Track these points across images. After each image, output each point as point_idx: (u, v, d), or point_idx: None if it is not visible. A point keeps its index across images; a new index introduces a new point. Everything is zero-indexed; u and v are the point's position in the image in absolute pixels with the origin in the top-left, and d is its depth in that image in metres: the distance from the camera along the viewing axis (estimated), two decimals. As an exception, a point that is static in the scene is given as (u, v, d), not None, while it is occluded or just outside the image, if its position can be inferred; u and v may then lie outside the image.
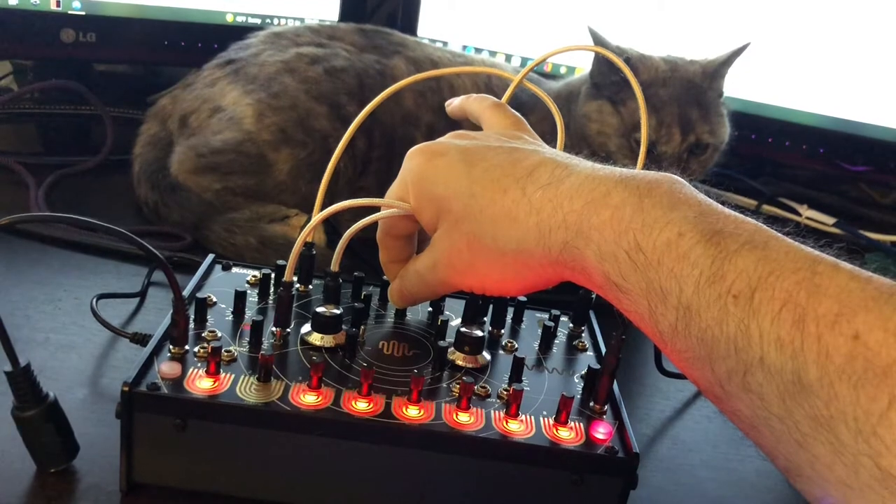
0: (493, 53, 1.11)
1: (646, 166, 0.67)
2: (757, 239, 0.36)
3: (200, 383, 0.45)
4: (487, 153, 0.46)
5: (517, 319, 0.59)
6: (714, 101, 0.85)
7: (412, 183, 0.48)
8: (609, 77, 0.84)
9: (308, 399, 0.45)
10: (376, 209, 0.52)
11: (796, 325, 0.33)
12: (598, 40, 0.82)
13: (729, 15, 1.02)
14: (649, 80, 0.82)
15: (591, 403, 0.50)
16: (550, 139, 0.87)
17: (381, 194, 0.85)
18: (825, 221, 1.04)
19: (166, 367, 0.46)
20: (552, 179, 0.43)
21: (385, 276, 0.56)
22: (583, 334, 0.59)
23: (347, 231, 0.50)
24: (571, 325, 0.60)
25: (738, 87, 1.03)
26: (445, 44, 1.13)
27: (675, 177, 0.41)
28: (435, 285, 0.50)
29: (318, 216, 0.50)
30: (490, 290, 0.48)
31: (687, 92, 0.83)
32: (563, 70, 1.09)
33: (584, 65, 1.06)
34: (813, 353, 0.32)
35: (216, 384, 0.45)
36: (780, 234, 0.37)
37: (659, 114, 0.81)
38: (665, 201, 0.39)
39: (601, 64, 0.85)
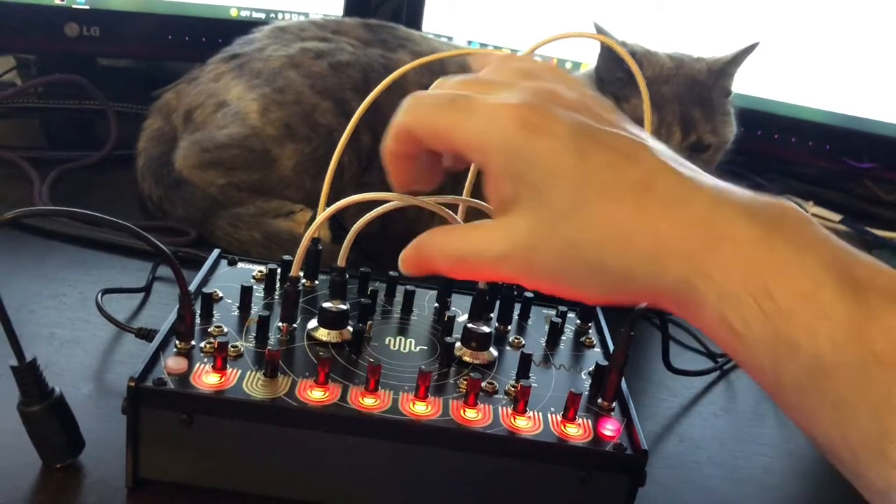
0: (497, 48, 1.11)
1: None
2: None
3: (207, 379, 0.45)
4: (602, 142, 0.39)
5: (524, 315, 0.59)
6: (719, 99, 0.84)
7: (499, 151, 0.39)
8: (614, 73, 0.83)
9: (315, 395, 0.45)
10: (382, 203, 0.51)
11: None
12: (600, 34, 0.81)
13: (734, 11, 1.02)
14: (653, 76, 0.82)
15: (599, 400, 0.49)
16: None
17: (386, 190, 0.86)
18: (831, 218, 1.04)
19: (172, 363, 0.45)
20: (675, 199, 0.37)
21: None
22: (590, 330, 0.59)
23: (354, 226, 0.50)
24: (578, 321, 0.60)
25: (745, 83, 1.02)
26: (450, 39, 1.13)
27: (800, 209, 0.37)
28: (484, 275, 0.44)
29: (325, 212, 0.49)
30: (565, 296, 0.41)
31: (690, 90, 0.82)
32: (568, 65, 1.09)
33: (590, 60, 1.06)
34: None
35: (222, 379, 0.45)
36: None
37: (661, 112, 0.81)
38: (797, 241, 0.35)
39: (606, 59, 0.84)
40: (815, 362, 0.33)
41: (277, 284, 0.56)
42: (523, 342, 0.55)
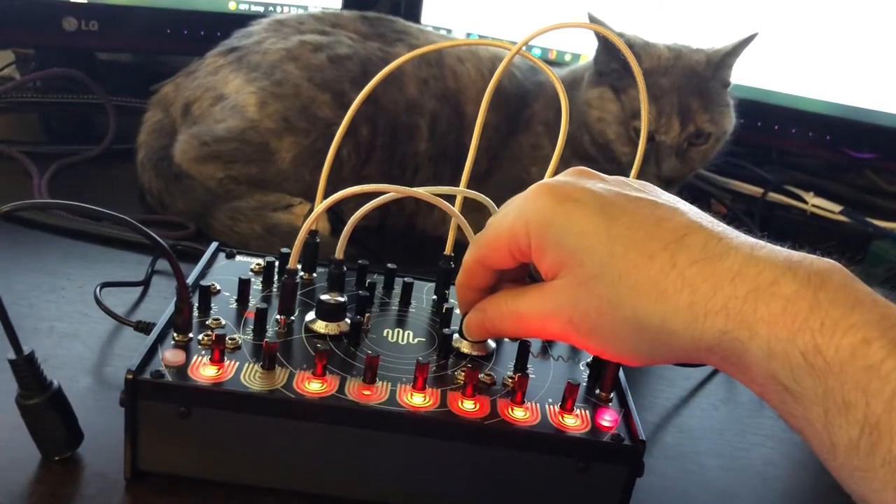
0: (496, 40, 1.10)
1: (645, 155, 0.68)
2: None
3: (204, 371, 0.45)
4: (628, 205, 0.41)
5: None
6: (717, 90, 0.84)
7: (536, 225, 0.42)
8: (610, 63, 0.83)
9: (312, 387, 0.45)
10: (379, 194, 0.51)
11: None
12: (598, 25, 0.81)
13: (733, 1, 1.01)
14: (651, 67, 0.81)
15: (597, 391, 0.49)
16: (555, 125, 0.87)
17: (384, 182, 0.86)
18: (831, 209, 1.04)
19: (170, 355, 0.45)
20: (707, 254, 0.38)
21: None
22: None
23: (352, 218, 0.50)
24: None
25: (744, 74, 1.02)
26: (449, 31, 1.13)
27: (840, 266, 0.37)
28: (536, 332, 0.45)
29: (323, 204, 0.49)
30: (610, 356, 0.43)
31: (689, 81, 0.82)
32: (567, 57, 1.09)
33: (589, 52, 1.05)
34: None
35: (220, 372, 0.45)
36: None
37: (658, 102, 0.81)
38: (842, 298, 0.35)
39: (603, 50, 0.84)
40: (868, 422, 0.33)
41: (275, 277, 0.56)
42: (521, 333, 0.55)
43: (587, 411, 0.47)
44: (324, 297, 0.51)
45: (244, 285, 0.53)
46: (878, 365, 0.33)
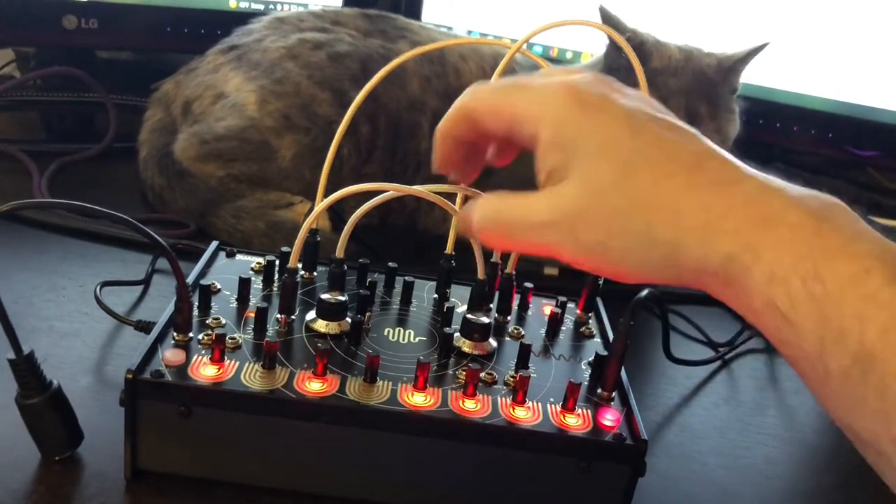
0: (497, 38, 1.10)
1: None
2: None
3: (205, 370, 0.45)
4: (651, 123, 0.40)
5: (523, 306, 0.59)
6: (725, 96, 0.84)
7: (554, 121, 0.40)
8: (619, 60, 0.83)
9: (313, 386, 0.45)
10: (380, 193, 0.51)
11: None
12: (608, 20, 0.81)
13: (737, -2, 1.01)
14: (661, 67, 0.81)
15: (599, 390, 0.49)
16: None
17: (385, 181, 0.85)
18: (833, 207, 1.03)
19: (170, 355, 0.45)
20: (724, 177, 0.38)
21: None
22: (590, 321, 0.59)
23: (352, 217, 0.50)
24: (578, 311, 0.59)
25: (747, 71, 1.02)
26: (450, 29, 1.12)
27: (843, 203, 0.37)
28: (526, 243, 0.42)
29: (323, 203, 0.49)
30: (607, 272, 0.41)
31: (698, 84, 0.81)
32: (569, 55, 1.09)
33: (591, 49, 1.05)
34: None
35: (220, 371, 0.45)
36: None
37: (666, 103, 0.79)
38: (845, 229, 0.35)
39: (613, 46, 0.84)
40: (862, 349, 0.33)
41: (276, 276, 0.56)
42: (523, 332, 0.55)
43: (589, 411, 0.47)
44: (324, 296, 0.51)
45: (244, 284, 0.53)
46: (876, 293, 0.33)
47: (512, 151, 0.46)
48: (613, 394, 0.49)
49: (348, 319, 0.51)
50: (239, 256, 0.59)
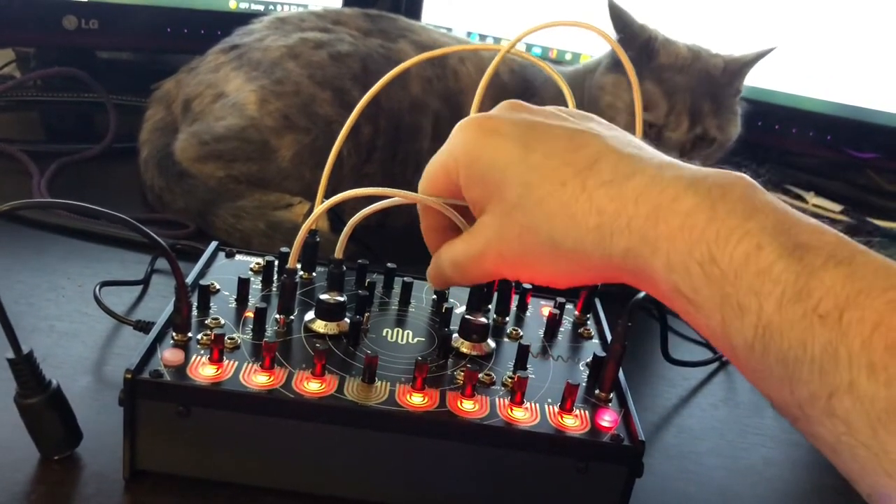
0: (497, 40, 1.10)
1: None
2: (841, 253, 0.34)
3: (203, 370, 0.45)
4: (547, 135, 0.42)
5: (522, 307, 0.59)
6: (729, 98, 0.85)
7: (462, 160, 0.44)
8: (627, 52, 0.83)
9: (311, 386, 0.45)
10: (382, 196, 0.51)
11: (889, 350, 0.31)
12: (616, 14, 0.82)
13: (735, 1, 1.01)
14: (668, 64, 0.82)
15: (597, 391, 0.49)
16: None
17: (386, 183, 0.86)
18: (832, 209, 1.03)
19: (169, 355, 0.45)
20: (615, 175, 0.39)
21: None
22: (588, 322, 0.59)
23: (352, 219, 0.50)
24: (576, 312, 0.59)
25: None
26: (450, 30, 1.12)
27: (748, 178, 0.38)
28: (475, 275, 0.47)
29: (322, 205, 0.49)
30: (540, 282, 0.45)
31: (703, 83, 0.82)
32: (568, 56, 1.09)
33: (591, 51, 1.05)
34: None
35: (219, 371, 0.45)
36: (864, 248, 0.35)
37: (671, 99, 0.81)
38: (740, 208, 0.36)
39: (619, 33, 0.84)
40: (761, 323, 0.34)
41: (275, 276, 0.56)
42: (521, 333, 0.55)
43: (587, 411, 0.47)
44: (323, 296, 0.51)
45: (243, 284, 0.53)
46: (769, 268, 0.34)
47: None
48: (611, 395, 0.49)
49: (347, 320, 0.51)
50: (238, 257, 0.59)
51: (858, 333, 0.31)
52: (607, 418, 0.47)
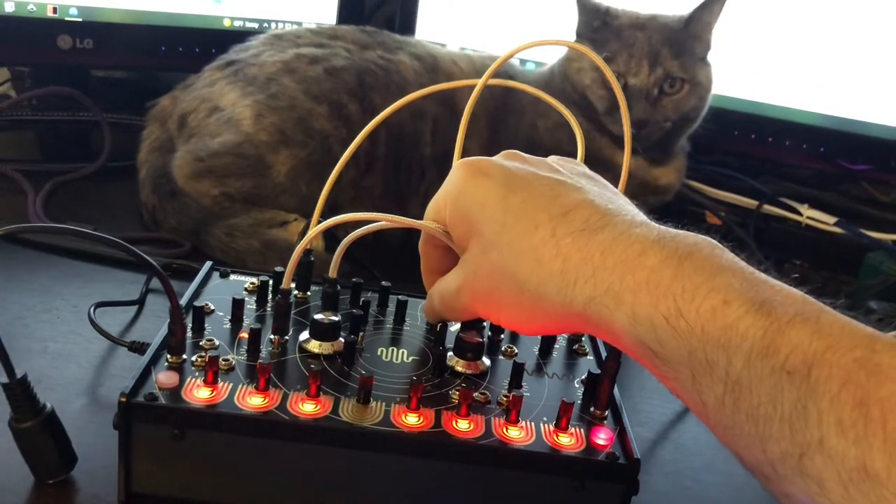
0: (491, 56, 1.11)
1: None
2: (808, 311, 0.34)
3: (198, 393, 0.45)
4: (532, 182, 0.44)
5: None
6: (691, 44, 0.89)
7: (451, 197, 0.46)
8: (592, 23, 0.90)
9: (306, 408, 0.45)
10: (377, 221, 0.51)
11: (858, 407, 0.31)
12: (581, 4, 0.90)
13: (727, 13, 1.02)
14: (628, 23, 0.89)
15: (592, 409, 0.49)
16: (550, 85, 0.90)
17: (386, 195, 0.87)
18: (826, 221, 1.04)
19: (164, 377, 0.45)
20: (586, 226, 0.40)
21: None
22: (583, 338, 0.59)
23: (346, 238, 0.50)
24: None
25: (739, 86, 1.03)
26: (443, 46, 1.13)
27: (714, 241, 0.39)
28: (457, 310, 0.48)
29: (318, 227, 0.49)
30: (505, 324, 0.47)
31: (661, 33, 0.88)
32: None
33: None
34: (878, 440, 0.30)
35: (214, 394, 0.45)
36: (829, 308, 0.35)
37: (630, 49, 0.87)
38: (707, 266, 0.36)
39: (583, 14, 0.91)
40: (730, 378, 0.34)
41: (270, 296, 0.56)
42: (516, 351, 0.55)
43: (582, 430, 0.47)
44: (318, 316, 0.51)
45: (238, 305, 0.53)
46: (736, 323, 0.34)
47: None
48: (606, 412, 0.49)
49: (342, 340, 0.51)
50: (233, 276, 0.59)
51: (827, 391, 0.31)
52: (603, 436, 0.47)
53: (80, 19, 0.98)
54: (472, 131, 0.54)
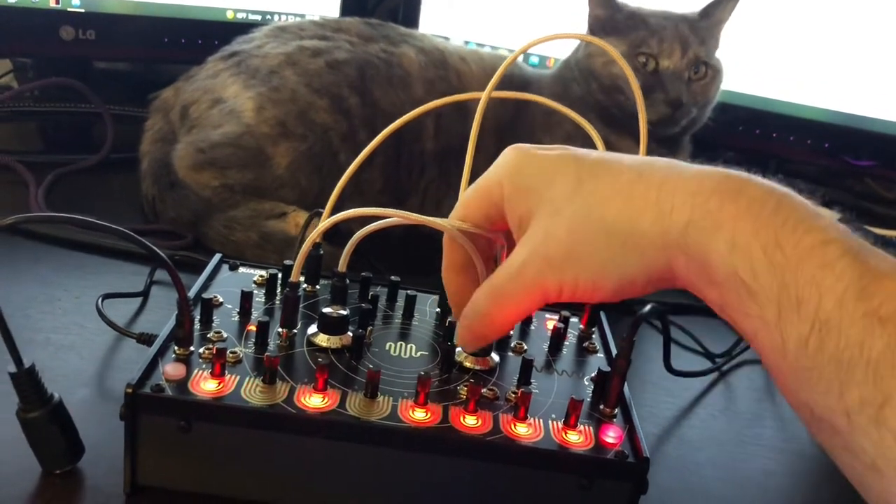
0: (494, 48, 1.10)
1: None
2: None
3: (205, 385, 0.45)
4: (592, 151, 0.44)
5: (526, 320, 0.58)
6: (708, 35, 0.89)
7: (507, 174, 0.44)
8: (615, 15, 0.88)
9: (313, 401, 0.45)
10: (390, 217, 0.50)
11: None
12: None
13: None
14: (650, 13, 0.88)
15: (601, 406, 0.49)
16: (564, 95, 0.89)
17: (386, 189, 0.86)
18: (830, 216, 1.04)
19: (171, 369, 0.45)
20: (672, 169, 0.40)
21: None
22: (593, 335, 0.58)
23: (358, 233, 0.50)
24: (581, 326, 0.59)
25: (743, 82, 1.02)
26: (447, 39, 1.12)
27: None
28: (517, 293, 0.43)
29: (328, 220, 0.48)
30: (584, 284, 0.42)
31: (682, 21, 0.88)
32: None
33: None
34: None
35: (221, 386, 0.45)
36: None
37: (660, 34, 0.86)
38: (804, 208, 0.36)
39: (602, 7, 0.88)
40: (818, 317, 0.33)
41: (278, 289, 0.56)
42: (525, 347, 0.55)
43: (591, 427, 0.47)
44: (326, 310, 0.50)
45: (246, 298, 0.52)
46: (833, 263, 0.34)
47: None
48: (616, 410, 0.49)
49: (350, 334, 0.51)
50: (242, 269, 0.59)
51: None
52: (612, 434, 0.46)
53: (82, 10, 0.97)
54: (479, 146, 0.52)
